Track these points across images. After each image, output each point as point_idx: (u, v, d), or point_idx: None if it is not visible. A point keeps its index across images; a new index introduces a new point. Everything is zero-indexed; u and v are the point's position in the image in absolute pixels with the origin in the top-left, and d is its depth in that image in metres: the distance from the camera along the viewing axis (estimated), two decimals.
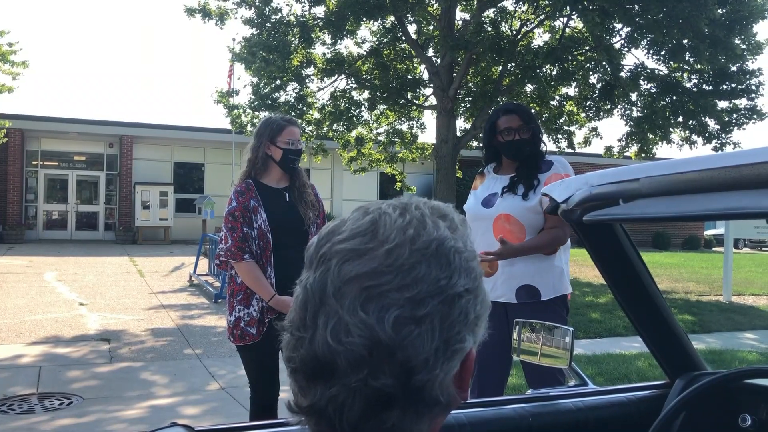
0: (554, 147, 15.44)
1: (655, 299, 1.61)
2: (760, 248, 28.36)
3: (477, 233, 2.93)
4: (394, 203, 0.69)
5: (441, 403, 0.64)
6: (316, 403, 0.63)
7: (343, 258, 0.64)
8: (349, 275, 0.63)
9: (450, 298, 0.64)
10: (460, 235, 0.68)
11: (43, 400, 4.95)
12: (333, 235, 0.67)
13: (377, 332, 0.60)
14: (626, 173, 1.24)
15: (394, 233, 0.64)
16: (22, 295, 9.74)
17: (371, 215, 0.67)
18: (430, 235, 0.65)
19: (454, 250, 0.65)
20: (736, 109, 13.83)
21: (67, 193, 21.35)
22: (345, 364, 0.61)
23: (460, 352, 0.65)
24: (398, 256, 0.63)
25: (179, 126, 22.05)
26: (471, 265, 0.67)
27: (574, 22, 13.92)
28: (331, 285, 0.63)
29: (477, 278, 0.68)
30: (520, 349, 1.85)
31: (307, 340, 0.63)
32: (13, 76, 15.60)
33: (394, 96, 14.78)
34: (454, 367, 0.65)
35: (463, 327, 0.65)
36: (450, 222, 0.68)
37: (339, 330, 0.61)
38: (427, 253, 0.64)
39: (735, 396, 1.56)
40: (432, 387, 0.63)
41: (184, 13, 13.88)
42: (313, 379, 0.63)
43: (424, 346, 0.62)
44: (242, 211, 3.05)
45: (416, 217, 0.66)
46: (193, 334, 7.48)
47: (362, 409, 0.61)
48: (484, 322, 0.70)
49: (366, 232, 0.65)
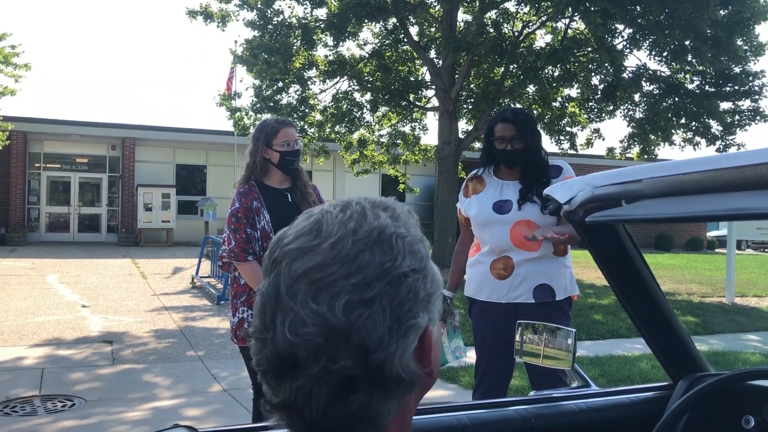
0: (556, 148, 15.45)
1: (658, 300, 1.61)
2: (763, 249, 28.30)
3: (491, 237, 2.96)
4: (336, 203, 0.74)
5: (405, 380, 0.67)
6: (286, 399, 0.67)
7: (292, 258, 0.68)
8: (298, 272, 0.67)
9: (396, 279, 0.67)
10: (403, 222, 0.72)
11: (45, 402, 4.96)
12: (281, 241, 0.71)
13: (329, 319, 0.64)
14: (629, 174, 1.24)
15: (336, 228, 0.69)
16: (25, 298, 9.75)
17: (315, 216, 0.72)
18: (371, 225, 0.69)
19: (396, 236, 0.69)
20: (739, 110, 13.81)
21: (70, 196, 21.38)
22: (305, 354, 0.65)
23: (414, 329, 0.68)
24: (342, 247, 0.67)
25: (181, 128, 22.07)
26: (416, 247, 0.71)
27: (576, 24, 13.93)
28: (284, 285, 0.67)
29: (423, 259, 0.71)
30: (523, 351, 1.85)
31: (269, 340, 0.67)
32: (16, 79, 15.64)
33: (396, 98, 14.79)
34: (411, 344, 0.68)
35: (414, 304, 0.68)
36: (392, 212, 0.73)
37: (296, 324, 0.65)
38: (369, 241, 0.68)
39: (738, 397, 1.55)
40: (391, 364, 0.66)
41: (185, 15, 13.92)
42: (281, 377, 0.67)
43: (376, 326, 0.65)
44: (245, 212, 3.05)
45: (356, 211, 0.71)
46: (195, 336, 7.48)
47: (328, 395, 0.65)
48: (438, 300, 0.73)
49: (310, 231, 0.70)
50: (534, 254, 2.91)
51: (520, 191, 2.97)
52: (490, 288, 2.96)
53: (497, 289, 2.94)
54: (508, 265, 2.93)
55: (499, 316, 2.92)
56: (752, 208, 1.00)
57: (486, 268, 2.97)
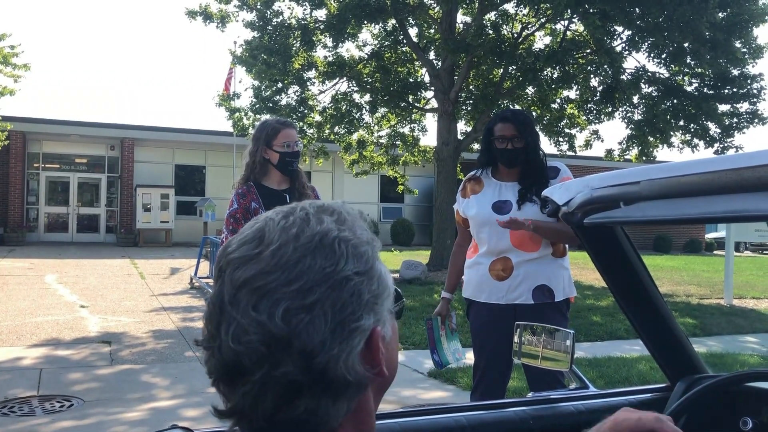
0: (555, 150, 15.45)
1: (656, 302, 1.61)
2: (761, 251, 28.32)
3: (490, 237, 2.95)
4: (281, 209, 0.74)
5: (351, 383, 0.68)
6: (235, 405, 0.68)
7: (234, 266, 0.69)
8: (240, 281, 0.67)
9: (338, 283, 0.67)
10: (349, 226, 0.72)
11: (43, 403, 4.95)
12: (226, 249, 0.72)
13: (269, 327, 0.65)
14: (627, 176, 1.24)
15: (277, 235, 0.69)
16: (23, 298, 9.74)
17: (258, 224, 0.72)
18: (313, 230, 0.70)
19: (338, 240, 0.70)
20: (737, 113, 13.82)
21: (69, 196, 21.37)
22: (248, 362, 0.65)
23: (359, 331, 0.68)
24: (283, 254, 0.67)
25: (180, 128, 22.07)
26: (360, 250, 0.71)
27: (575, 25, 13.93)
28: (227, 294, 0.68)
29: (368, 261, 0.71)
30: (521, 352, 1.85)
31: (216, 349, 0.68)
32: (15, 79, 15.63)
33: (395, 99, 14.79)
34: (356, 346, 0.68)
35: (357, 307, 0.68)
36: (338, 216, 0.73)
37: (238, 333, 0.66)
38: (311, 247, 0.68)
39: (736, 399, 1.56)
40: (335, 367, 0.66)
41: (185, 15, 13.91)
42: (229, 384, 0.68)
43: (317, 330, 0.66)
44: (243, 213, 3.05)
45: (300, 217, 0.71)
46: (193, 337, 7.39)
47: (273, 400, 0.66)
48: (386, 301, 0.73)
49: (253, 239, 0.70)
50: (533, 255, 2.92)
51: (519, 192, 2.97)
52: (489, 289, 2.96)
53: (496, 290, 2.94)
54: (507, 266, 2.93)
55: (498, 317, 2.92)
56: (750, 209, 1.00)
57: (485, 269, 2.97)
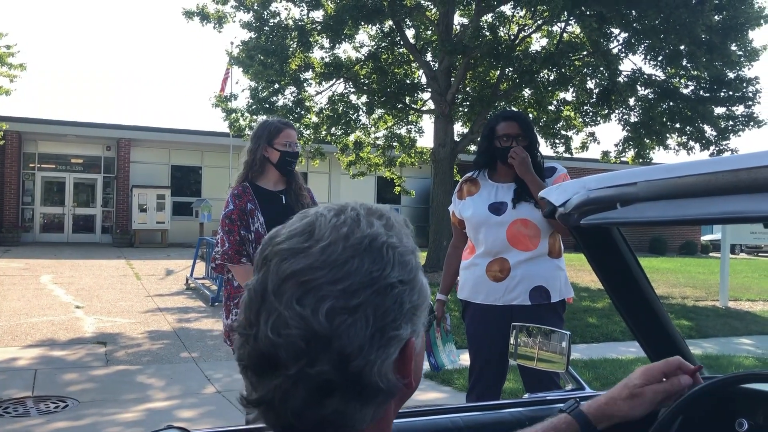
0: (551, 152, 15.47)
1: (653, 303, 1.61)
2: (757, 254, 28.40)
3: (487, 238, 2.95)
4: (332, 206, 0.74)
5: (382, 390, 0.68)
6: (264, 396, 0.67)
7: (282, 257, 0.68)
8: (286, 272, 0.67)
9: (383, 289, 0.67)
10: (396, 232, 0.72)
11: (38, 403, 4.93)
12: (274, 239, 0.72)
13: (312, 323, 0.64)
14: (624, 177, 1.24)
15: (328, 232, 0.69)
16: (18, 298, 9.71)
17: (309, 218, 0.72)
18: (363, 232, 0.69)
19: (387, 245, 0.69)
20: (733, 115, 13.87)
21: (64, 196, 21.32)
22: (285, 355, 0.65)
23: (396, 339, 0.68)
24: (332, 252, 0.67)
25: (177, 129, 22.04)
26: (406, 258, 0.71)
27: (572, 28, 13.97)
28: (271, 283, 0.67)
29: (412, 271, 0.71)
30: (517, 354, 1.85)
31: (252, 337, 0.67)
32: (11, 79, 15.59)
33: (392, 100, 14.80)
34: (392, 354, 0.68)
35: (398, 315, 0.68)
36: (386, 221, 0.73)
37: (279, 324, 0.65)
38: (360, 248, 0.68)
39: (732, 401, 1.56)
40: (370, 373, 0.66)
41: (182, 16, 13.90)
42: (260, 374, 0.67)
43: (358, 333, 0.65)
44: (239, 214, 3.04)
45: (351, 216, 0.71)
46: (189, 338, 7.46)
47: (304, 397, 0.66)
48: (424, 312, 0.73)
49: (303, 232, 0.70)
50: (529, 254, 2.91)
51: (515, 191, 2.97)
52: (486, 290, 2.95)
53: (493, 292, 2.94)
54: (504, 267, 2.92)
55: (495, 318, 2.91)
56: (746, 211, 1.00)
57: (481, 271, 2.97)
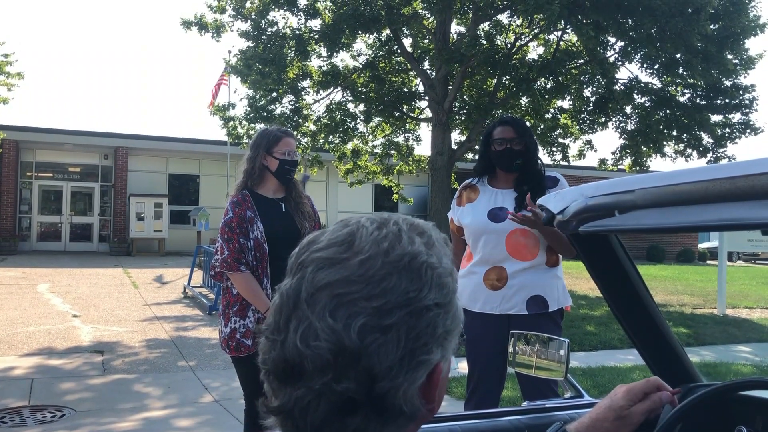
0: (549, 160, 15.51)
1: (651, 311, 1.61)
2: (754, 261, 28.43)
3: (486, 246, 2.96)
4: (374, 218, 0.71)
5: (405, 413, 0.65)
6: (284, 404, 0.66)
7: (318, 266, 0.66)
8: (321, 282, 0.65)
9: (418, 310, 0.65)
10: (436, 251, 0.70)
11: (35, 413, 4.91)
12: (312, 245, 0.70)
13: (343, 338, 0.62)
14: (622, 184, 1.24)
15: (368, 245, 0.66)
16: (15, 307, 9.68)
17: (350, 227, 0.69)
18: (404, 249, 0.67)
19: (426, 265, 0.67)
20: (730, 123, 13.93)
21: (62, 205, 21.28)
22: (311, 367, 0.63)
23: (425, 364, 0.66)
24: (370, 266, 0.65)
25: (174, 137, 22.03)
26: (444, 281, 0.68)
27: (569, 36, 14.03)
28: (305, 291, 0.65)
29: (449, 294, 0.69)
30: (515, 362, 1.85)
31: (279, 343, 0.66)
32: (9, 87, 15.60)
33: (389, 108, 14.83)
34: (419, 378, 0.66)
35: (430, 339, 0.66)
36: (427, 239, 0.70)
37: (308, 334, 0.63)
38: (399, 266, 0.66)
39: (731, 408, 1.56)
40: (395, 395, 0.64)
41: (180, 25, 13.94)
42: (283, 381, 0.66)
43: (388, 354, 0.63)
44: (238, 221, 3.04)
45: (392, 231, 0.68)
46: (186, 346, 7.44)
47: (326, 412, 0.64)
48: (455, 338, 0.70)
49: (343, 242, 0.67)
50: (527, 264, 2.91)
51: (515, 199, 2.97)
52: (483, 298, 2.95)
53: (490, 300, 2.94)
54: (502, 275, 2.92)
55: (492, 326, 2.91)
56: (744, 218, 1.01)
57: (479, 279, 2.97)
